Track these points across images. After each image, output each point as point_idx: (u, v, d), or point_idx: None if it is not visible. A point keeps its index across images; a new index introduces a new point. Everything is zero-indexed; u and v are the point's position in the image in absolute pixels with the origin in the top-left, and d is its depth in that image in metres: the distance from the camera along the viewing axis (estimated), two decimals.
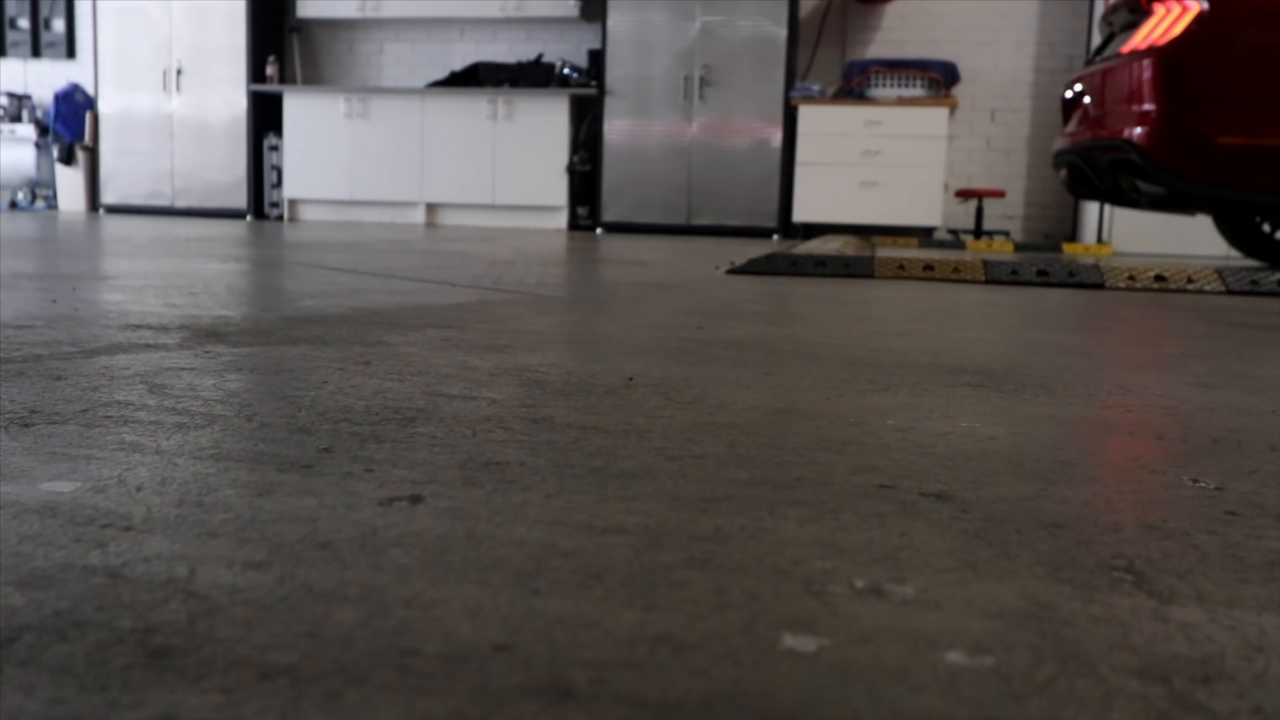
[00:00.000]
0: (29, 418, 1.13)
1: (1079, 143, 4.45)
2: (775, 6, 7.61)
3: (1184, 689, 0.56)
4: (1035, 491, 0.95)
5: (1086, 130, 4.42)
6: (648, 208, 7.96)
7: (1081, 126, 4.52)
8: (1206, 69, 3.88)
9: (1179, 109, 3.89)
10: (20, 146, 9.27)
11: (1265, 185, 3.84)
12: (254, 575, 0.69)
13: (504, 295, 2.71)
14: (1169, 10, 3.96)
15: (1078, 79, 4.69)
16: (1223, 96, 3.86)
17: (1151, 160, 3.95)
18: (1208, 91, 3.88)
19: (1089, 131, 4.38)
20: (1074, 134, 4.56)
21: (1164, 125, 3.91)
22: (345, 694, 0.53)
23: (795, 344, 1.91)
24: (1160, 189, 4.03)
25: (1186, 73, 3.89)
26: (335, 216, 8.68)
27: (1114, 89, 4.19)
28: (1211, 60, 3.87)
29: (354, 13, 8.54)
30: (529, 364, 1.60)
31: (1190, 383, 1.59)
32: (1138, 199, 4.26)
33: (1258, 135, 3.82)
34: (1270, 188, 3.84)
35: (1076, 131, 4.53)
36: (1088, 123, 4.48)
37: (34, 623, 0.60)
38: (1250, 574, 0.74)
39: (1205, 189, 3.94)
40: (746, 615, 0.65)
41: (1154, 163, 3.94)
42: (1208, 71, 3.88)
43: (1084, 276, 3.63)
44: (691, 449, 1.07)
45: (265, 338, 1.81)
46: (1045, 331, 2.22)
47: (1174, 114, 3.90)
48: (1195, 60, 3.89)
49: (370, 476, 0.94)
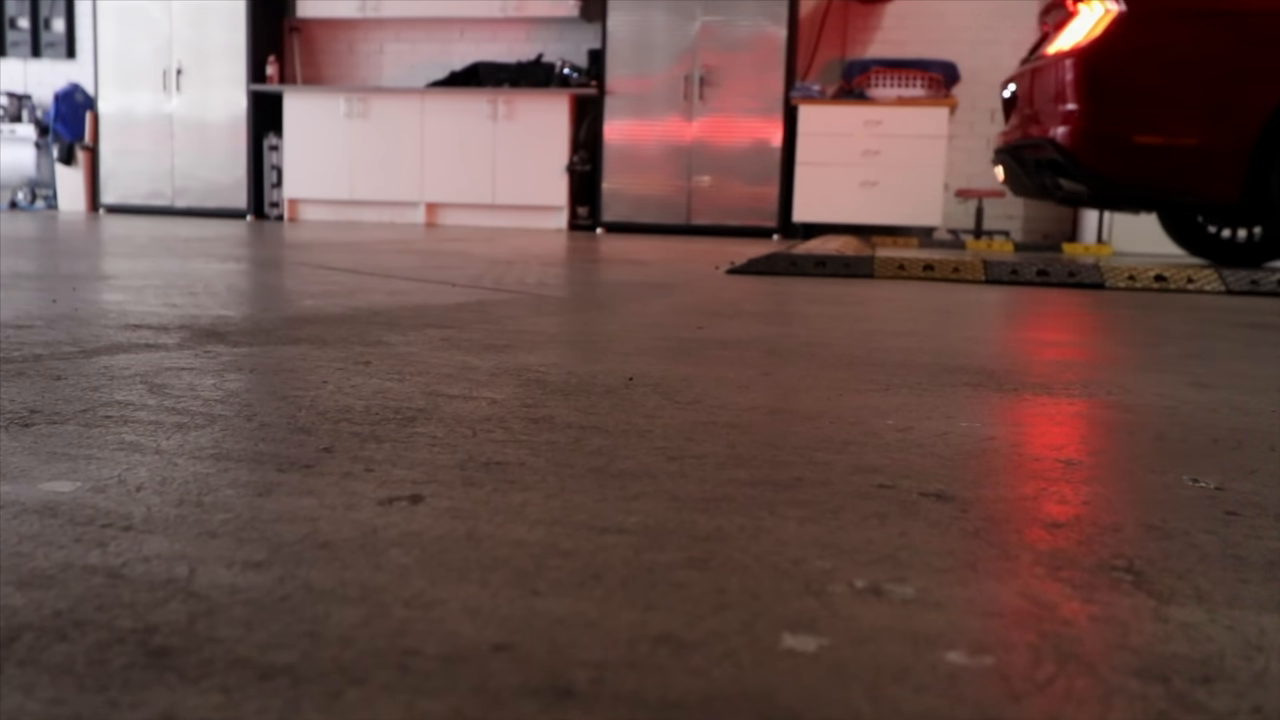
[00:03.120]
0: (29, 418, 1.13)
1: (1010, 141, 4.55)
2: (775, 6, 7.61)
3: (1184, 689, 0.56)
4: (1035, 491, 0.95)
5: (1018, 129, 4.51)
6: (648, 208, 7.96)
7: (1014, 125, 4.62)
8: (1124, 69, 3.99)
9: (1098, 109, 4.00)
10: (20, 146, 9.27)
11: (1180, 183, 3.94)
12: (254, 575, 0.69)
13: (504, 295, 2.71)
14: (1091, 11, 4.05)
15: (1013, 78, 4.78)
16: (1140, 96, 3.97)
17: (1072, 159, 4.06)
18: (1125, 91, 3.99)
19: (1020, 130, 4.48)
20: (1007, 133, 4.65)
21: (1084, 124, 4.02)
22: (345, 694, 0.53)
23: (795, 344, 1.91)
24: (1082, 187, 4.13)
25: (1105, 73, 4.00)
26: (335, 216, 8.68)
27: (1041, 89, 4.28)
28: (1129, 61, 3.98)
29: (354, 13, 8.54)
30: (529, 364, 1.60)
31: (1190, 383, 1.59)
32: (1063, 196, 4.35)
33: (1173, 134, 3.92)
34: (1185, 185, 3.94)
35: (1010, 130, 4.63)
36: (1019, 122, 4.58)
37: (34, 623, 0.60)
38: (1250, 574, 0.74)
39: (1123, 187, 4.05)
40: (746, 615, 0.65)
41: (1075, 161, 4.06)
42: (1125, 72, 3.99)
43: (1084, 276, 3.63)
44: (691, 449, 1.07)
45: (265, 337, 1.81)
46: (1045, 331, 2.22)
47: (1093, 114, 4.01)
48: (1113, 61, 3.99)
49: (370, 476, 0.94)
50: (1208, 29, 3.90)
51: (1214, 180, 3.90)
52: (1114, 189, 4.07)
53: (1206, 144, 3.89)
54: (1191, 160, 3.91)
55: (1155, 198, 4.05)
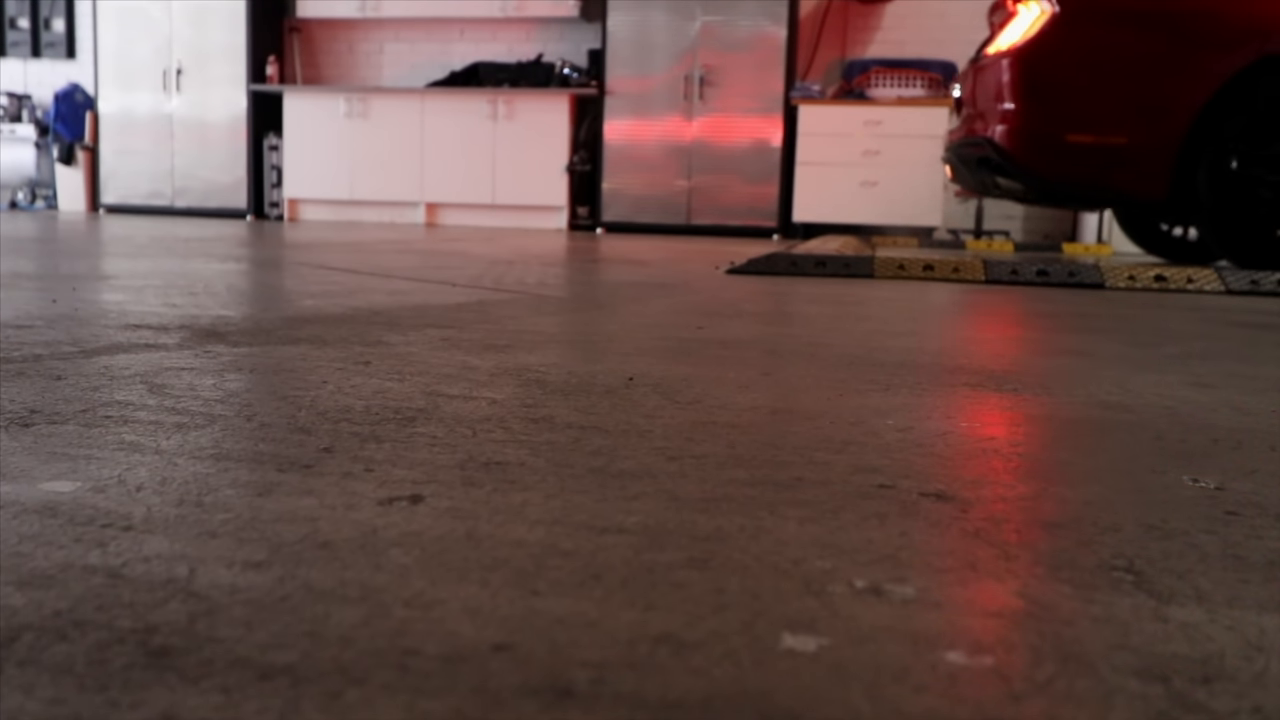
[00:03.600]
0: (29, 418, 1.13)
1: (954, 140, 4.68)
2: (775, 6, 7.61)
3: (1184, 689, 0.56)
4: (1035, 491, 0.95)
5: (962, 128, 4.64)
6: (648, 208, 7.96)
7: (959, 124, 4.75)
8: (1056, 70, 4.09)
9: (1032, 108, 4.11)
10: (20, 146, 9.27)
11: (1111, 181, 4.05)
12: (254, 575, 0.69)
13: (504, 295, 2.71)
14: (1029, 12, 4.16)
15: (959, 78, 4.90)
16: (1071, 96, 4.07)
17: (1008, 157, 4.17)
18: (1058, 91, 4.09)
19: (964, 129, 4.60)
20: (953, 131, 4.78)
21: (1018, 124, 4.13)
22: (345, 694, 0.53)
23: (795, 344, 1.91)
24: (1017, 184, 4.25)
25: (1038, 73, 4.10)
26: (335, 216, 8.68)
27: (982, 88, 4.40)
28: (1061, 61, 4.08)
29: (354, 13, 8.54)
30: (529, 364, 1.60)
31: (1190, 383, 1.59)
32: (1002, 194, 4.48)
33: (1103, 133, 4.02)
34: (1115, 183, 4.05)
35: (955, 129, 4.76)
36: (963, 120, 4.71)
37: (34, 623, 0.60)
38: (1250, 574, 0.74)
39: (1057, 185, 4.15)
40: (746, 615, 0.65)
41: (1010, 159, 4.17)
42: (1058, 72, 4.09)
43: (1084, 276, 3.63)
44: (691, 449, 1.07)
45: (265, 337, 1.81)
46: (1045, 331, 2.22)
47: (1027, 113, 4.11)
48: (1046, 61, 4.10)
49: (370, 476, 0.94)
50: (1137, 30, 4.01)
51: (1143, 178, 4.01)
52: (1048, 187, 4.18)
53: (1135, 143, 3.99)
54: (1121, 158, 4.02)
55: (1088, 195, 4.17)
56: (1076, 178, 4.10)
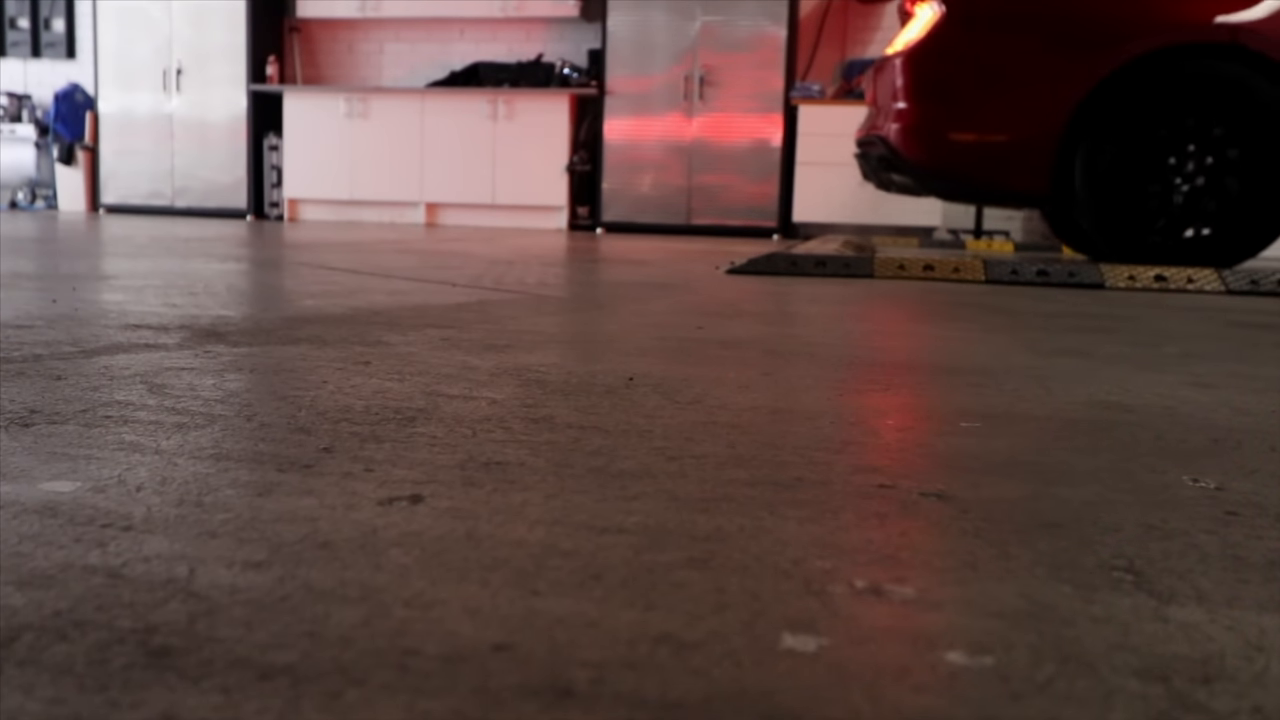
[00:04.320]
0: (29, 418, 1.13)
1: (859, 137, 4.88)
2: (775, 6, 7.61)
3: (1184, 689, 0.56)
4: (1035, 491, 0.95)
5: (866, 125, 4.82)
6: (648, 208, 7.96)
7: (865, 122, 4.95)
8: (942, 70, 4.28)
9: (919, 107, 4.29)
10: (20, 146, 9.27)
11: (995, 177, 4.25)
12: (254, 575, 0.69)
13: (504, 295, 2.71)
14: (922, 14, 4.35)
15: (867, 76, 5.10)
16: (957, 96, 4.26)
17: (897, 154, 4.36)
18: (943, 91, 4.28)
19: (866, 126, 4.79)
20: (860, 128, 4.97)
21: (908, 122, 4.31)
22: (345, 694, 0.53)
23: (795, 344, 1.91)
24: (907, 180, 4.44)
25: (926, 73, 4.29)
26: (335, 216, 8.68)
27: (881, 87, 4.58)
28: (946, 63, 4.28)
29: (354, 13, 8.54)
30: (529, 364, 1.60)
31: (1190, 383, 1.59)
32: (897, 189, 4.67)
33: (986, 131, 4.22)
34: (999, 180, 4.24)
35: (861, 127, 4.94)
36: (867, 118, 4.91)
37: (34, 623, 0.60)
38: (1250, 574, 0.74)
39: (944, 181, 4.34)
40: (746, 615, 0.65)
41: (899, 156, 4.36)
42: (943, 73, 4.28)
43: (1084, 276, 3.63)
44: (691, 449, 1.07)
45: (265, 337, 1.81)
46: (1045, 331, 2.22)
47: (915, 112, 4.30)
48: (933, 62, 4.29)
49: (370, 476, 0.94)
50: (1017, 33, 4.21)
51: (1025, 174, 4.19)
52: (937, 183, 4.37)
53: (1016, 140, 4.18)
54: (1004, 156, 4.21)
55: (975, 191, 4.36)
56: (963, 174, 4.28)
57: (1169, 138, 4.04)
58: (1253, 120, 3.98)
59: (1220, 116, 4.01)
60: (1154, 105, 4.03)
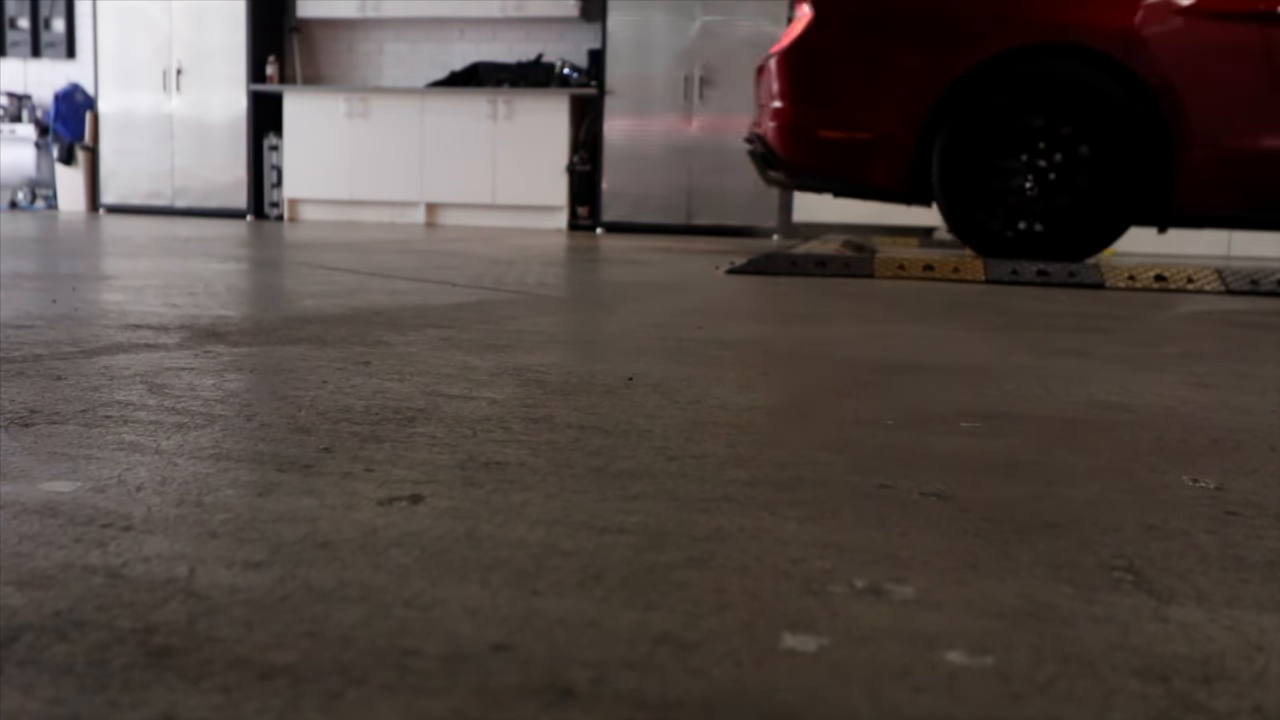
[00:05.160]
0: (29, 418, 1.13)
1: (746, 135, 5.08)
2: (775, 6, 7.60)
3: (1184, 689, 0.56)
4: (1035, 491, 0.95)
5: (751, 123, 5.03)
6: (648, 208, 7.96)
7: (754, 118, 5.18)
8: (813, 70, 4.49)
9: (793, 106, 4.50)
10: (20, 146, 9.27)
11: (859, 174, 4.45)
12: (254, 575, 0.69)
13: (504, 295, 2.71)
14: (800, 15, 4.54)
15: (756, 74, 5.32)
16: (824, 95, 4.47)
17: (772, 151, 4.57)
18: (813, 90, 4.49)
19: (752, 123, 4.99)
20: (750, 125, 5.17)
21: (782, 120, 4.52)
22: (345, 694, 0.53)
23: (795, 344, 1.91)
24: (782, 175, 4.63)
25: (799, 73, 4.50)
26: (335, 216, 8.68)
27: (762, 86, 4.78)
28: (816, 63, 4.48)
29: (354, 13, 8.54)
30: (529, 364, 1.60)
31: (1190, 383, 1.59)
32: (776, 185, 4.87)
33: (851, 129, 4.41)
34: (863, 176, 4.45)
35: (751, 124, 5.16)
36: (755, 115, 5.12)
37: (34, 623, 0.60)
38: (1250, 574, 0.74)
39: (815, 177, 4.55)
40: (746, 615, 0.65)
41: (774, 153, 4.57)
42: (814, 73, 4.49)
43: (1084, 276, 3.63)
44: (691, 449, 1.07)
45: (265, 337, 1.81)
46: (1045, 332, 2.22)
47: (789, 110, 4.50)
48: (804, 63, 4.49)
49: (370, 476, 0.94)
50: (878, 34, 4.41)
51: (886, 171, 4.39)
52: (808, 179, 4.58)
53: (878, 138, 4.37)
54: (868, 153, 4.41)
55: (842, 187, 4.58)
56: (831, 171, 4.50)
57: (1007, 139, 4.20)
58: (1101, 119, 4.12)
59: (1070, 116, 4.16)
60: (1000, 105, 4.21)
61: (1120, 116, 4.08)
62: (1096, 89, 4.10)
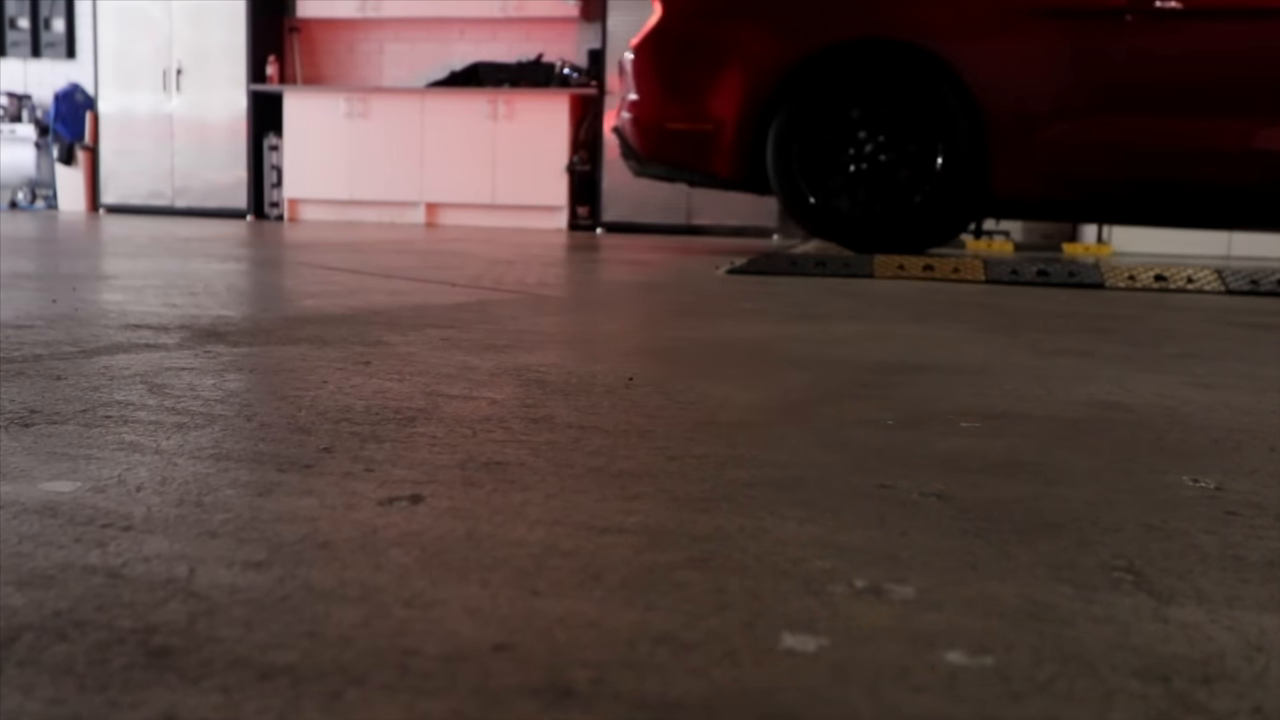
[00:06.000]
0: (29, 417, 1.13)
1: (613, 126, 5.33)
2: None
3: (1184, 689, 0.56)
4: (1035, 491, 0.95)
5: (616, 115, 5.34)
6: (648, 208, 7.96)
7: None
8: (660, 65, 4.71)
9: (643, 99, 4.72)
10: (20, 146, 9.27)
11: (702, 163, 4.67)
12: (254, 575, 0.69)
13: (504, 295, 2.71)
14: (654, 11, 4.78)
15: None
16: (670, 89, 4.69)
17: (626, 142, 4.82)
18: (660, 84, 4.71)
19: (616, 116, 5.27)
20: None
21: (634, 112, 4.75)
22: (345, 694, 0.53)
23: (795, 344, 1.91)
24: (637, 166, 4.86)
25: (649, 68, 4.72)
26: (335, 216, 8.68)
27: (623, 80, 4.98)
28: (662, 58, 4.70)
29: (354, 13, 8.54)
30: (529, 364, 1.60)
31: (1190, 383, 1.59)
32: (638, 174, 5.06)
33: (694, 121, 4.62)
34: (706, 166, 4.67)
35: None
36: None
37: (34, 623, 0.60)
38: (1250, 574, 0.74)
39: (665, 167, 4.77)
40: (746, 615, 0.65)
41: (628, 144, 4.81)
42: (660, 67, 4.70)
43: (1084, 276, 3.63)
44: (691, 449, 1.07)
45: (265, 337, 1.81)
46: (1045, 332, 2.22)
47: (640, 103, 4.73)
48: (653, 57, 4.71)
49: (370, 476, 0.94)
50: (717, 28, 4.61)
51: (726, 161, 4.60)
52: (659, 170, 4.80)
53: (718, 129, 4.57)
54: (709, 143, 4.61)
55: (689, 176, 4.78)
56: (678, 161, 4.71)
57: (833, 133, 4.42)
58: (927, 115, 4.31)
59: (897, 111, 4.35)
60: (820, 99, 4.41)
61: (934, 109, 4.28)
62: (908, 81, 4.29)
